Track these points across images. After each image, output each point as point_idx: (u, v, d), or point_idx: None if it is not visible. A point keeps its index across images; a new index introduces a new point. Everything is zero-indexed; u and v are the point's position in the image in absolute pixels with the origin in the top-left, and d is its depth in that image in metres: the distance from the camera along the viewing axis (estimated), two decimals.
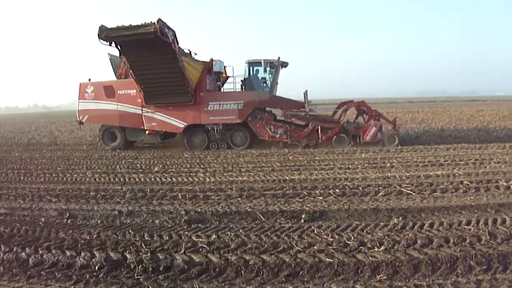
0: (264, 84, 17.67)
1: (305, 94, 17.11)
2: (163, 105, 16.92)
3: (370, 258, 5.32)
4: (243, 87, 17.82)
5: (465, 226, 6.51)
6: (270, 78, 17.60)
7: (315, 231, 6.49)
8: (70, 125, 35.00)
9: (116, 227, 7.16)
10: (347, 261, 5.26)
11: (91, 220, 7.66)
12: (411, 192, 8.65)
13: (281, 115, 17.72)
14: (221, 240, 6.18)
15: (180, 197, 8.90)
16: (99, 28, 13.93)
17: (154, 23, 13.39)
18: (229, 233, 6.51)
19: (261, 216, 7.42)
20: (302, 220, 7.18)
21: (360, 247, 5.74)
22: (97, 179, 11.20)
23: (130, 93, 17.17)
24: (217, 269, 5.25)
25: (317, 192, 8.87)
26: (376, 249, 5.65)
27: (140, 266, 5.32)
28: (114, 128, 18.05)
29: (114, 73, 18.31)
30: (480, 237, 5.97)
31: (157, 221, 7.47)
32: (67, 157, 15.98)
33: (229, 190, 9.26)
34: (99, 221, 7.58)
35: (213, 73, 17.45)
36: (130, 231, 6.72)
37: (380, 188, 9.02)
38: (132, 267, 5.35)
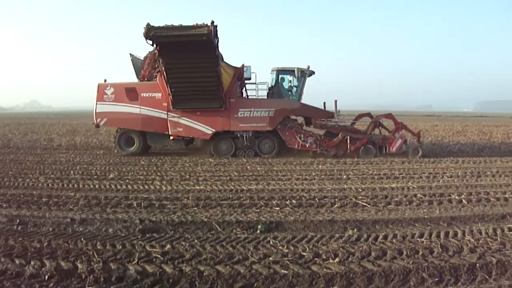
0: (291, 92, 17.59)
1: (335, 103, 17.38)
2: (190, 110, 16.42)
3: (325, 269, 5.36)
4: (271, 94, 17.59)
5: (418, 239, 6.67)
6: (299, 86, 17.54)
7: (271, 242, 6.51)
8: (24, 127, 34.07)
9: (68, 235, 6.95)
10: (302, 272, 5.27)
11: (42, 228, 7.42)
12: (366, 204, 8.81)
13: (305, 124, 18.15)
14: (176, 250, 6.10)
15: (135, 205, 8.74)
16: (146, 26, 13.01)
17: (208, 25, 12.93)
18: (184, 243, 6.44)
19: (217, 226, 7.37)
20: (258, 231, 7.18)
21: (315, 259, 5.78)
22: (50, 185, 10.84)
23: (155, 96, 16.50)
24: (171, 280, 5.16)
25: (274, 202, 8.93)
26: (331, 260, 5.70)
27: (92, 276, 5.16)
28: (131, 132, 17.26)
29: (136, 74, 17.67)
30: (433, 249, 6.13)
31: (110, 230, 7.27)
32: (20, 161, 15.44)
33: (186, 199, 9.17)
34: (50, 229, 7.35)
35: (242, 79, 17.16)
36: (82, 239, 6.53)
37: (336, 199, 9.15)
38: (83, 277, 5.18)
